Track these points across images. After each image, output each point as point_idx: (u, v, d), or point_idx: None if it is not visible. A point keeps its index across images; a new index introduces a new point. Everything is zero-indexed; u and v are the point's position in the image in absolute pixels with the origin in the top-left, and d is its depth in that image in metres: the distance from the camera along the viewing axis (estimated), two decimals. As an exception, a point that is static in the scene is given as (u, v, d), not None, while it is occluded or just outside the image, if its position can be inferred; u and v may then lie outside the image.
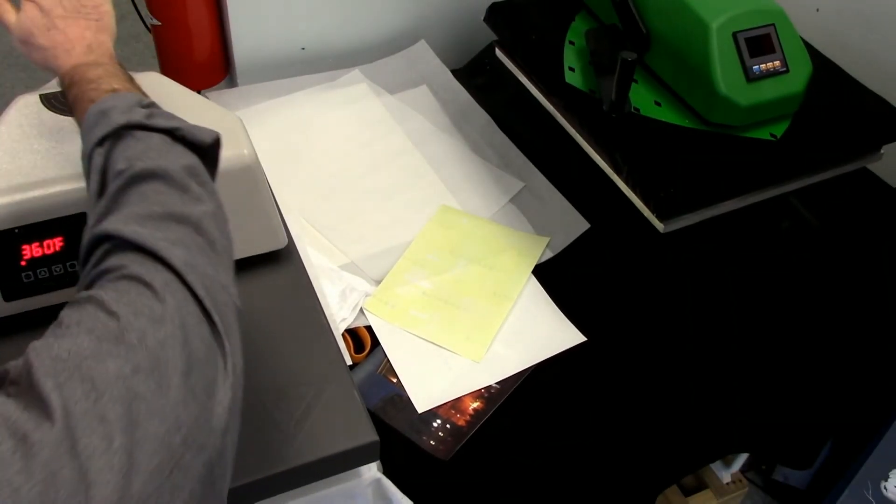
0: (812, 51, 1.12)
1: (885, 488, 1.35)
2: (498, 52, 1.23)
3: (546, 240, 1.17)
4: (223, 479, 0.49)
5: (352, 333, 1.02)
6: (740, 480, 1.69)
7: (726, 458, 1.63)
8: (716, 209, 1.01)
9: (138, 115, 0.59)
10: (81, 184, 0.64)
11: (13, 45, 0.72)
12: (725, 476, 1.68)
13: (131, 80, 0.68)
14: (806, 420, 1.38)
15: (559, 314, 1.08)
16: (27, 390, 0.43)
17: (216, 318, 0.51)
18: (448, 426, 0.95)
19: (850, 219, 1.27)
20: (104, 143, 0.58)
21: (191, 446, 0.46)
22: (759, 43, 0.99)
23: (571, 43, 1.13)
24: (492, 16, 1.21)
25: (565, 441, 1.05)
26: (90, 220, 0.55)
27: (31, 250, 0.78)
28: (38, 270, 0.80)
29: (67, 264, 0.81)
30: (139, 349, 0.46)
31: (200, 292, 0.51)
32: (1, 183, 0.75)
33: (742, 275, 1.17)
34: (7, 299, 0.80)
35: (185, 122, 0.61)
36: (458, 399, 0.97)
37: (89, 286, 0.51)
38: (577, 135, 1.07)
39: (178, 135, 0.60)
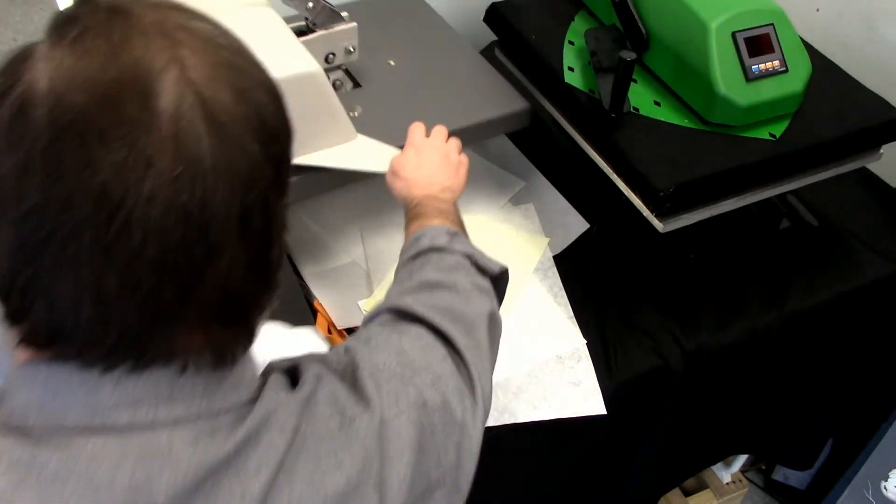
0: (812, 51, 1.12)
1: (885, 488, 1.35)
2: (498, 52, 1.23)
3: (546, 240, 1.17)
4: None
5: (351, 333, 1.02)
6: (740, 480, 1.70)
7: (726, 458, 1.63)
8: (715, 209, 1.01)
9: (442, 241, 0.75)
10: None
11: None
12: (725, 476, 1.69)
13: (460, 223, 0.83)
14: (806, 420, 1.39)
15: (559, 314, 1.08)
16: (352, 383, 0.55)
17: (477, 386, 0.61)
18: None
19: (850, 218, 1.27)
20: (416, 258, 0.74)
21: (442, 487, 0.56)
22: (758, 43, 0.99)
23: (571, 43, 1.13)
24: (491, 16, 1.21)
25: (566, 443, 1.05)
26: (392, 293, 0.70)
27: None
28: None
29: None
30: (430, 390, 0.57)
31: (472, 368, 0.62)
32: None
33: (741, 275, 1.17)
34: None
35: (478, 251, 0.76)
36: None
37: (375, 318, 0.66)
38: (577, 135, 1.07)
39: (472, 260, 0.74)
